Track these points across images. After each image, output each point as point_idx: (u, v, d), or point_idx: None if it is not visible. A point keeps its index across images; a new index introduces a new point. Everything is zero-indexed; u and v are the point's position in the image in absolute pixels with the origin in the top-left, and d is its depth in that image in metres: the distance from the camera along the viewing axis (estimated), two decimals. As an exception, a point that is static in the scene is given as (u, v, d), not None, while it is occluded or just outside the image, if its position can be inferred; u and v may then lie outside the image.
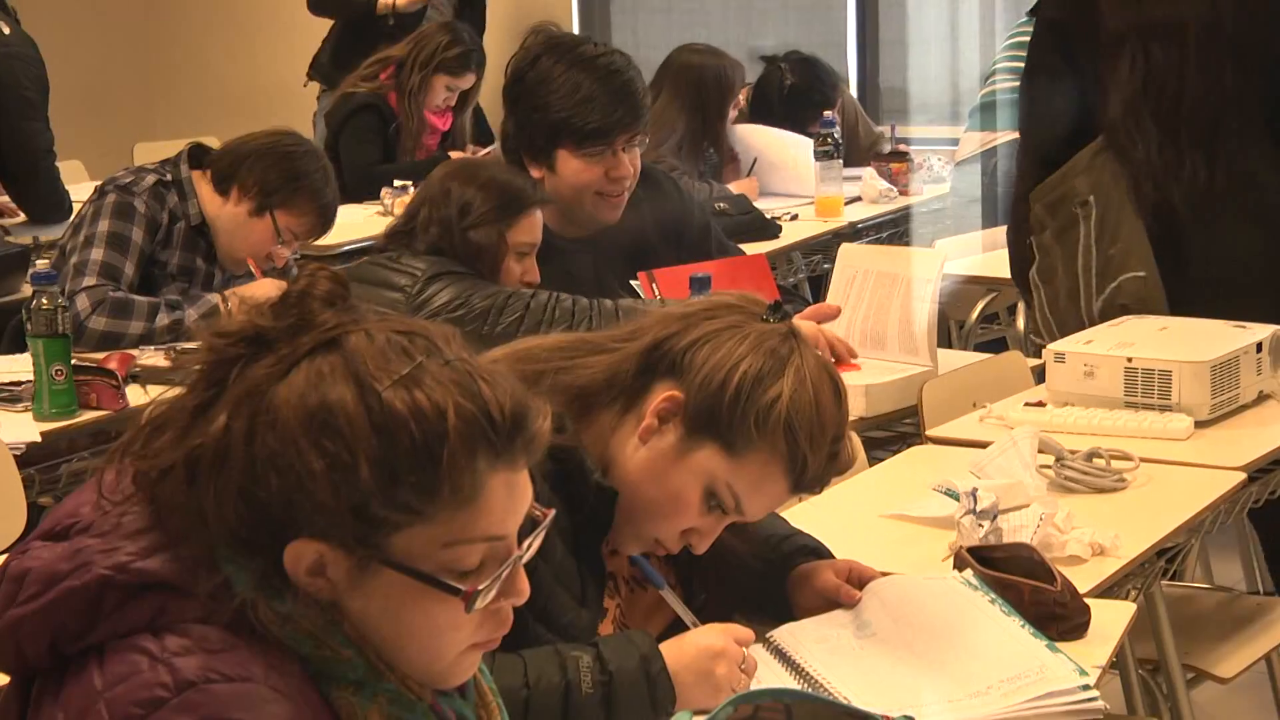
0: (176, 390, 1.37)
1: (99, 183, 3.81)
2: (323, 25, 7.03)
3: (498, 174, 3.26)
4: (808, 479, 1.93)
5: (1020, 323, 4.55)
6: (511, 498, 1.37)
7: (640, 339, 1.96)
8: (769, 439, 1.89)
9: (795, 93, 5.77)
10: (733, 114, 5.52)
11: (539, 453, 1.39)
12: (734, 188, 5.26)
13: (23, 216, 5.08)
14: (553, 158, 3.17)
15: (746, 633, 1.91)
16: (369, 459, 1.29)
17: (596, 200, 3.19)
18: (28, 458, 2.97)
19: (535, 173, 3.21)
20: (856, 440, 2.06)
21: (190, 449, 1.32)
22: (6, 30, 4.94)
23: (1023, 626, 2.02)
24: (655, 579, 1.99)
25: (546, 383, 1.93)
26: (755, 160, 5.53)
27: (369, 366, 1.31)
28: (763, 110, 5.77)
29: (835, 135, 5.23)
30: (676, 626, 1.99)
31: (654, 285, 3.19)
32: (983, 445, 2.70)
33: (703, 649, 1.86)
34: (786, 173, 5.44)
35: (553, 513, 1.44)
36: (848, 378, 2.10)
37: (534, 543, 1.41)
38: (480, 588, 1.34)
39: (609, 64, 3.15)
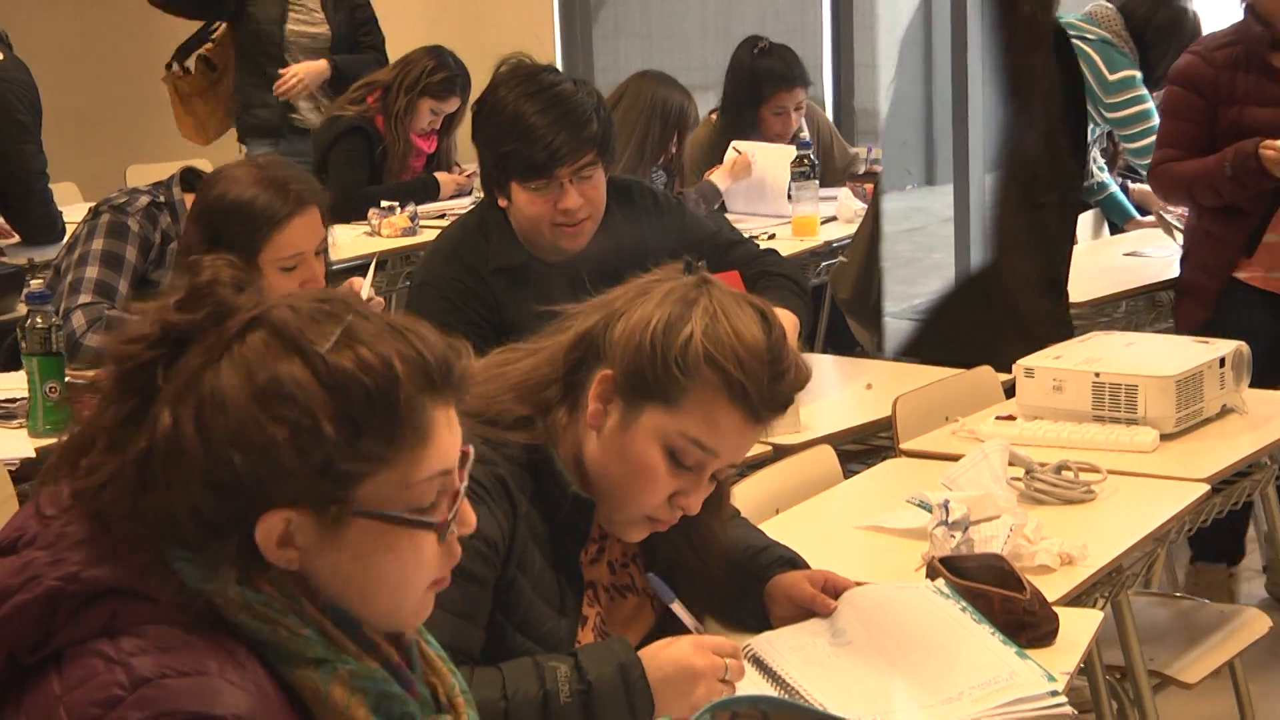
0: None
1: (93, 204, 3.81)
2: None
3: (241, 195, 3.07)
4: (756, 402, 1.89)
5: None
6: (452, 432, 1.41)
7: (566, 332, 1.97)
8: (697, 377, 1.87)
9: (766, 57, 5.66)
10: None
11: (468, 387, 1.43)
12: (720, 176, 5.27)
13: (17, 238, 5.07)
14: (508, 189, 3.08)
15: (731, 645, 1.89)
16: (330, 418, 1.32)
17: (555, 230, 3.07)
18: (22, 473, 2.96)
19: (502, 202, 3.11)
20: (808, 358, 2.01)
21: (138, 454, 1.32)
22: (1, 56, 4.94)
23: (993, 634, 2.02)
24: (665, 594, 1.98)
25: (492, 387, 1.94)
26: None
27: (305, 334, 1.34)
28: (730, 92, 5.68)
29: (811, 156, 5.25)
30: (657, 634, 1.99)
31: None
32: (955, 458, 2.71)
33: (683, 668, 1.83)
34: (766, 189, 5.43)
35: (470, 449, 1.45)
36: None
37: (465, 475, 1.45)
38: (449, 518, 1.39)
39: (557, 94, 3.02)
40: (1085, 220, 5.13)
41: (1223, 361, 3.09)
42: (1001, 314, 3.98)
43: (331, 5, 5.84)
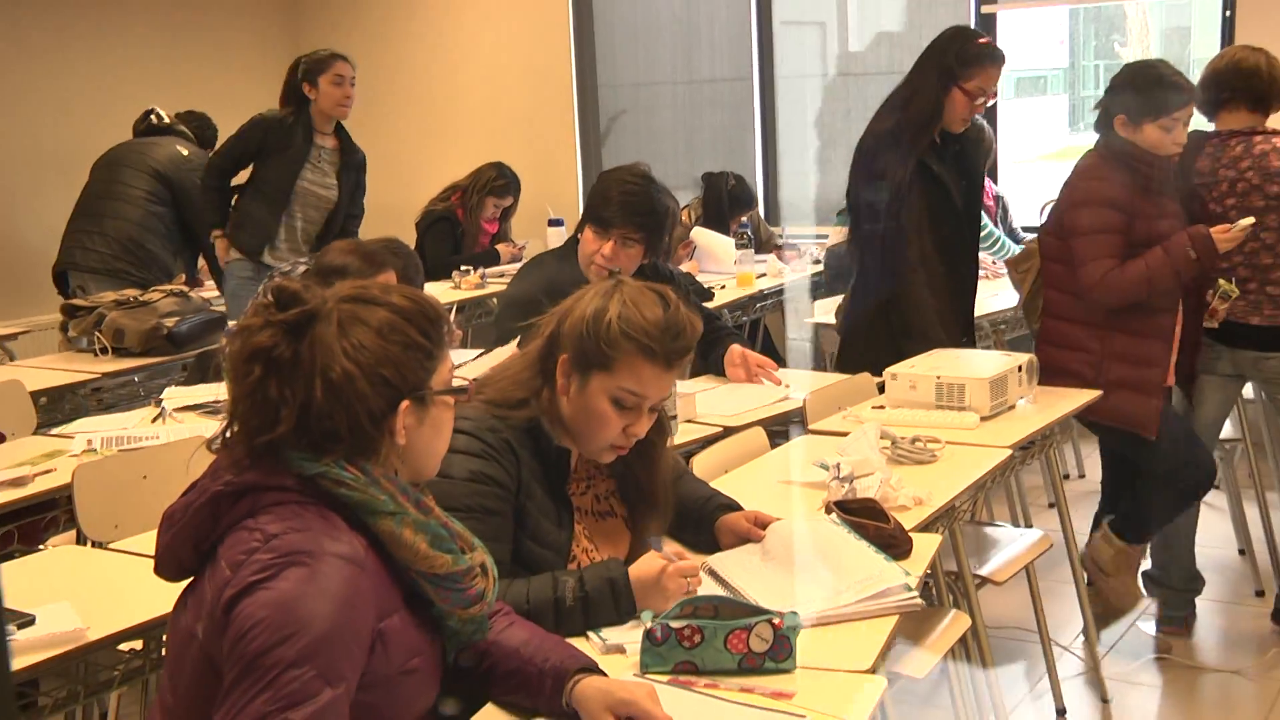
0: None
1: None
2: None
3: (339, 261, 3.00)
4: (664, 355, 1.87)
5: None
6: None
7: (541, 336, 1.97)
8: (621, 347, 1.86)
9: (735, 192, 5.79)
10: (680, 231, 5.53)
11: None
12: (685, 267, 5.31)
13: (220, 293, 5.09)
14: (584, 228, 3.20)
15: (680, 553, 1.90)
16: (416, 333, 1.46)
17: (593, 270, 3.16)
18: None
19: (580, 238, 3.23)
20: (698, 322, 1.94)
21: (319, 397, 1.41)
22: (186, 152, 4.95)
23: (869, 549, 2.04)
24: (656, 545, 1.92)
25: (505, 381, 1.94)
26: (695, 248, 5.57)
27: (372, 293, 1.48)
28: (712, 207, 5.75)
29: (749, 234, 5.33)
30: (634, 550, 1.99)
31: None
32: (844, 434, 2.71)
33: (656, 569, 1.84)
34: (721, 261, 5.50)
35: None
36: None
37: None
38: (470, 383, 1.55)
39: (633, 186, 3.15)
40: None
41: (1021, 368, 3.11)
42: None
43: (343, 174, 4.97)
